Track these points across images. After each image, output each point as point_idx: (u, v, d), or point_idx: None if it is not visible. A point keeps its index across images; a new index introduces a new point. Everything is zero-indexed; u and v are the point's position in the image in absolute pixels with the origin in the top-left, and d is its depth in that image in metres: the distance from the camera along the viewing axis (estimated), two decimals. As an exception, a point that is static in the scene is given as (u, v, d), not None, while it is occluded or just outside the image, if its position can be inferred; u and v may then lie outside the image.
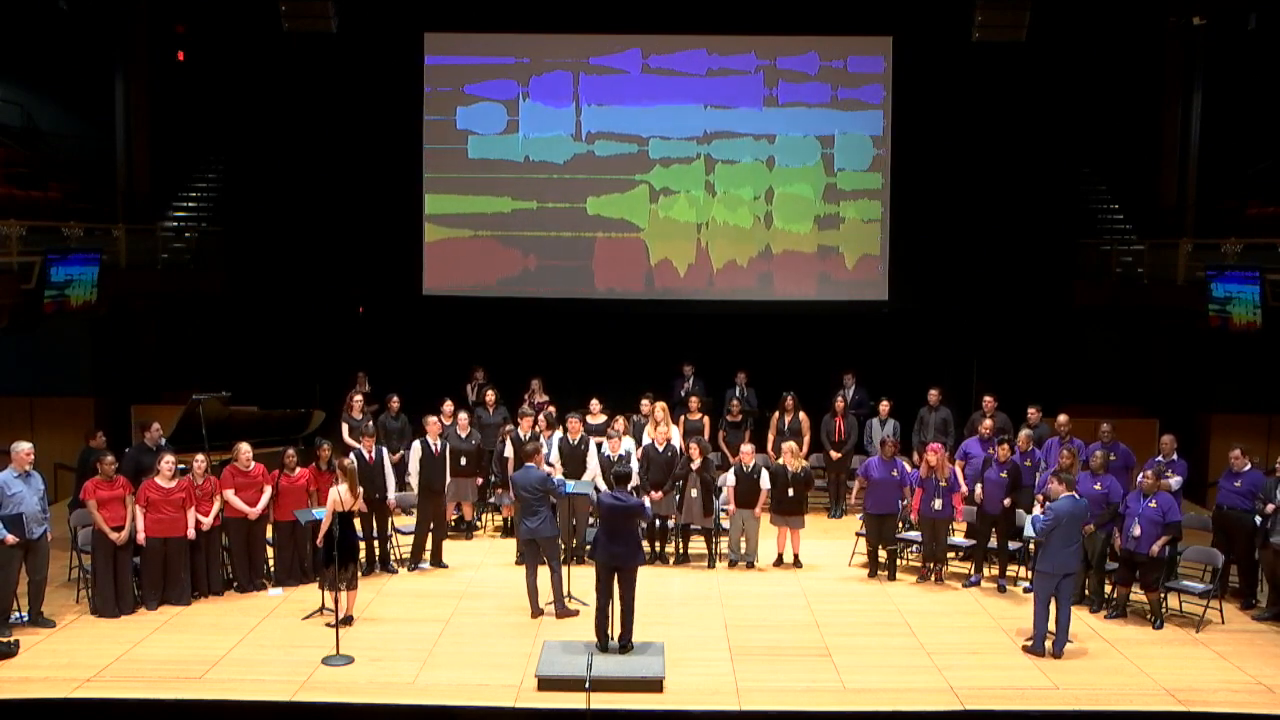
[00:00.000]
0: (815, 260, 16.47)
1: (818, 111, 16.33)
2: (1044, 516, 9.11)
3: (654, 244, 16.52)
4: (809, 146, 16.38)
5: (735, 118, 16.36)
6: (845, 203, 16.38)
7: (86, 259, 13.57)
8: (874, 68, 16.25)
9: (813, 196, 16.42)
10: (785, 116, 16.33)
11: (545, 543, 9.85)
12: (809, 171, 16.40)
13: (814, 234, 16.45)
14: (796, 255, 16.47)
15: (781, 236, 16.45)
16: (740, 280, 16.47)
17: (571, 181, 16.47)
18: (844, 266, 16.41)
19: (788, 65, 16.26)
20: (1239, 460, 10.44)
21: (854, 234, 16.43)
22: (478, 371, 14.34)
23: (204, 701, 8.17)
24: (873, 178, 16.40)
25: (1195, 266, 14.53)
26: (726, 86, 16.32)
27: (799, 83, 16.28)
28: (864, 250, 16.45)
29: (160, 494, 9.86)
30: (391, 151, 16.45)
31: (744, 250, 16.48)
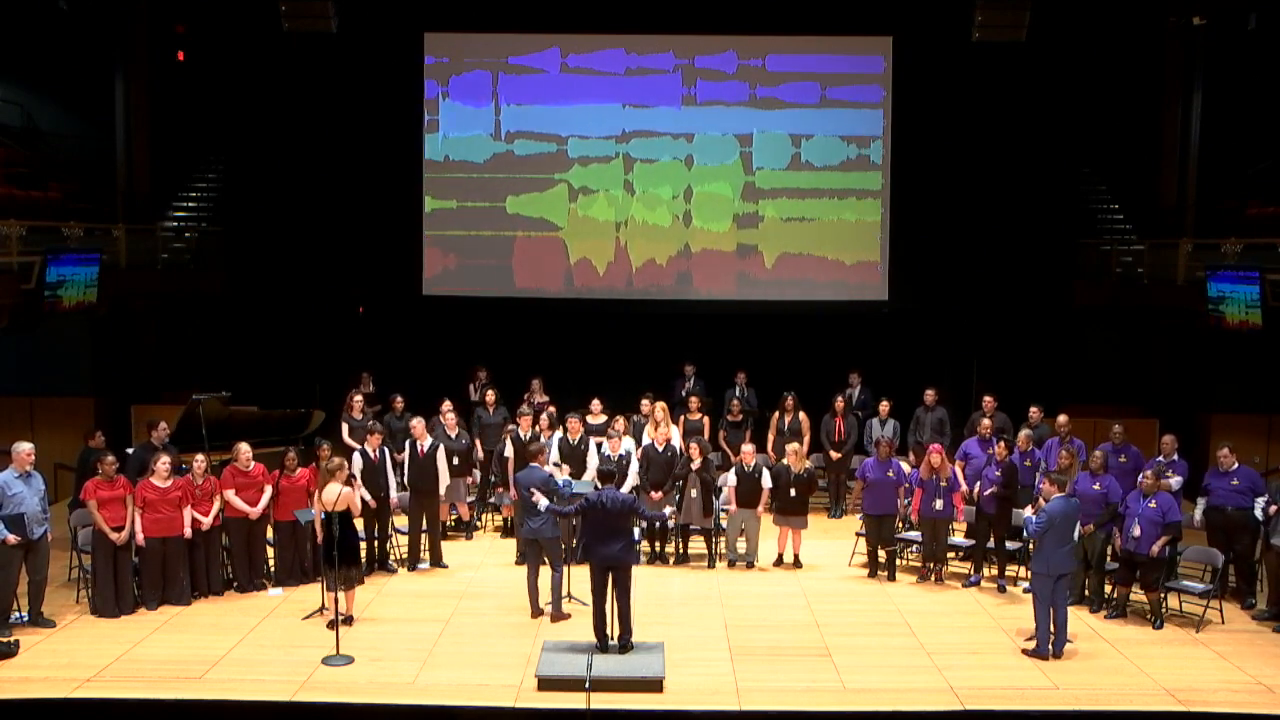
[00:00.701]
0: (734, 259, 16.50)
1: (736, 110, 16.36)
2: (1036, 518, 9.12)
3: (573, 243, 16.56)
4: (727, 145, 16.41)
5: (653, 117, 16.40)
6: (764, 201, 16.41)
7: (82, 259, 13.55)
8: (802, 67, 16.26)
9: (731, 195, 16.45)
10: (703, 115, 16.37)
11: (547, 543, 9.85)
12: (727, 170, 16.43)
13: (733, 233, 16.48)
14: (715, 254, 16.50)
15: (700, 235, 16.49)
16: (659, 279, 16.51)
17: (490, 181, 16.51)
18: (763, 265, 16.47)
19: (705, 64, 16.31)
20: (1227, 459, 10.42)
21: (793, 231, 16.46)
22: (480, 371, 14.35)
23: (204, 701, 8.17)
24: (873, 178, 16.41)
25: (1195, 266, 14.54)
26: (644, 86, 16.36)
27: (718, 81, 16.32)
28: (863, 250, 16.46)
29: (157, 494, 9.86)
30: (391, 151, 16.44)
31: (663, 249, 16.52)
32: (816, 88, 16.35)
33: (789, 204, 16.43)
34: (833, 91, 16.35)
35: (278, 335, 16.43)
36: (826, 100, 16.33)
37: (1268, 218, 14.93)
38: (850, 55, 16.33)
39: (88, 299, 13.62)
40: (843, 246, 16.49)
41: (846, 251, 16.49)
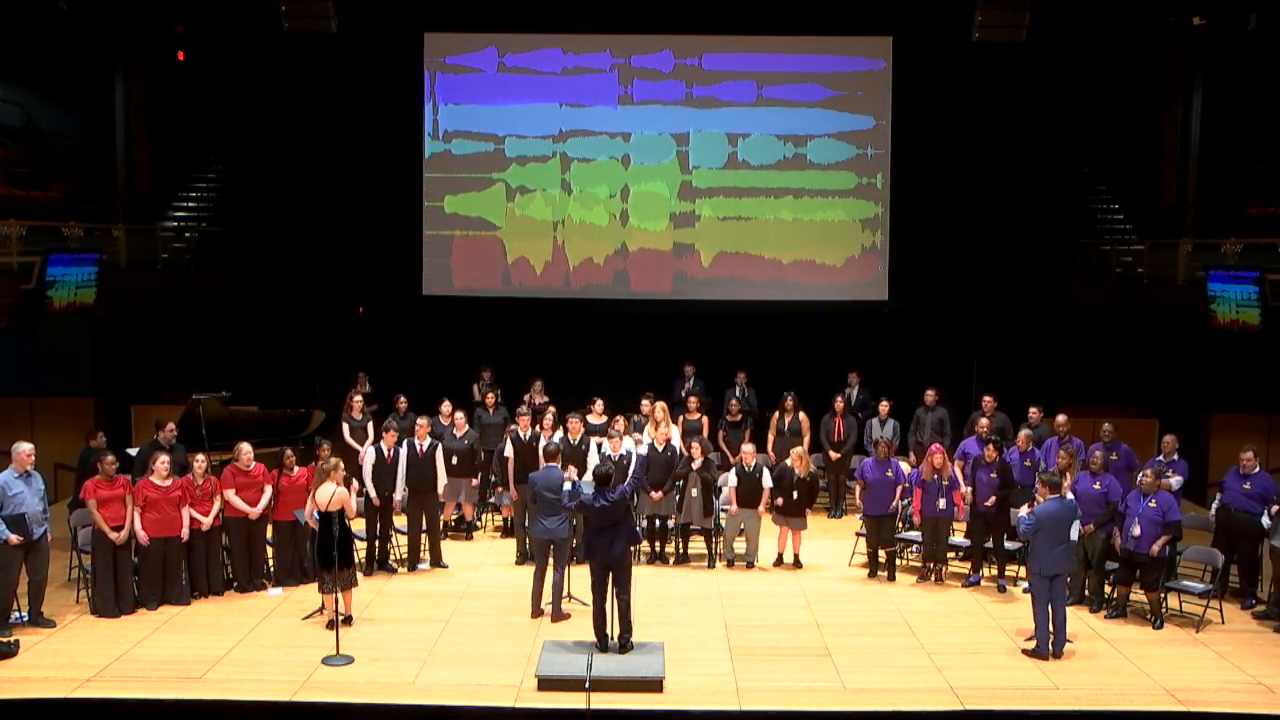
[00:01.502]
0: (671, 258, 16.50)
1: (672, 110, 16.37)
2: (1025, 520, 9.12)
3: (510, 242, 16.58)
4: (664, 144, 16.41)
5: (590, 116, 16.41)
6: (701, 200, 16.44)
7: (76, 259, 13.54)
8: (735, 65, 16.25)
9: (668, 194, 16.45)
10: (639, 115, 16.39)
11: (559, 544, 9.85)
12: (664, 170, 16.44)
13: (669, 232, 16.49)
14: (652, 253, 16.52)
15: (637, 234, 16.50)
16: (596, 278, 16.53)
17: (428, 180, 16.55)
18: (700, 265, 16.50)
19: (641, 63, 16.33)
20: (1250, 462, 10.34)
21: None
22: (484, 371, 14.35)
23: (204, 701, 8.17)
24: (872, 177, 16.40)
25: (1195, 266, 14.55)
26: (581, 85, 16.39)
27: (655, 81, 16.34)
28: (863, 250, 16.45)
29: (158, 493, 9.85)
30: (391, 151, 16.44)
31: (600, 248, 16.53)
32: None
33: (726, 203, 16.45)
34: (769, 90, 16.33)
35: (278, 335, 16.42)
36: (763, 99, 16.31)
37: (1268, 218, 14.94)
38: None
39: (81, 299, 13.59)
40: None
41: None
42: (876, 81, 16.34)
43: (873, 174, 16.40)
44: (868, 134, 16.36)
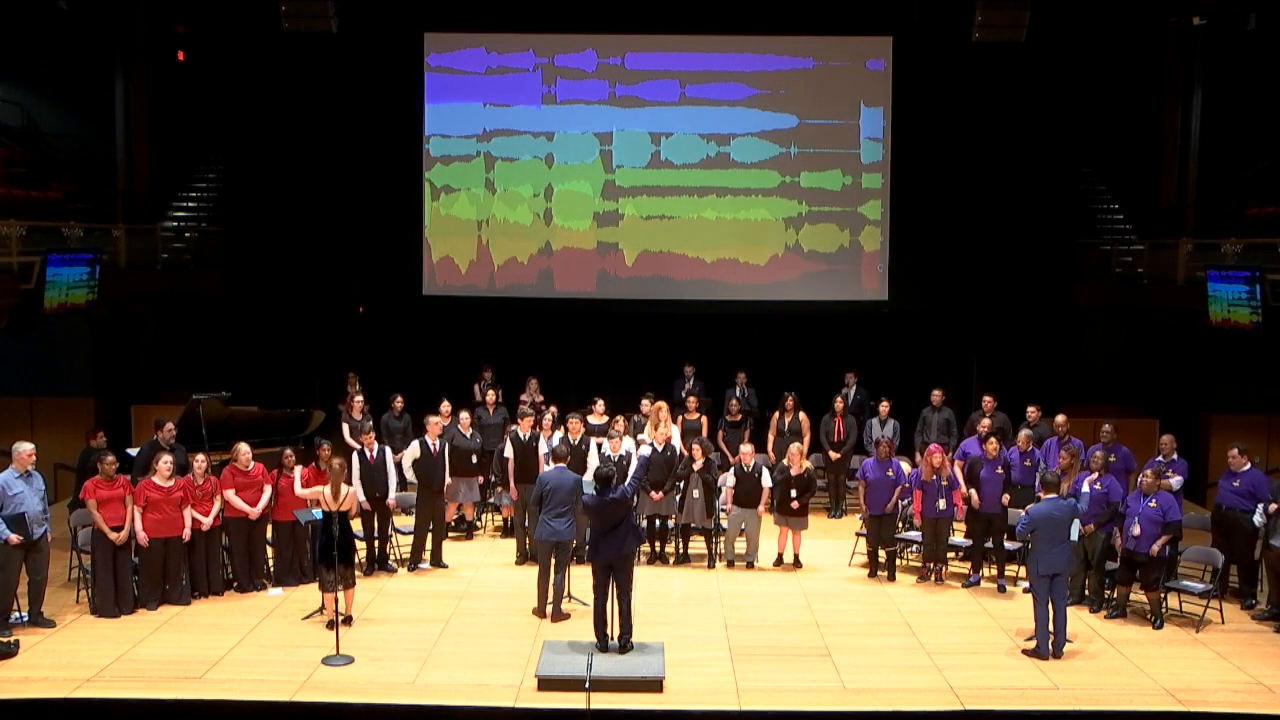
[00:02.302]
0: (594, 257, 16.52)
1: (596, 109, 16.39)
2: (1021, 520, 9.12)
3: (435, 241, 16.61)
4: (587, 144, 16.44)
5: (513, 115, 16.43)
6: (625, 199, 16.46)
7: (77, 259, 13.53)
8: (659, 65, 16.25)
9: (592, 194, 16.47)
10: (563, 114, 16.41)
11: (564, 545, 9.85)
12: (588, 169, 16.45)
13: (593, 231, 16.50)
14: (575, 252, 16.54)
15: (561, 233, 16.52)
16: (521, 277, 16.54)
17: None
18: (624, 264, 16.51)
19: (565, 63, 16.34)
20: (1237, 460, 10.39)
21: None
22: (486, 371, 14.35)
23: (204, 701, 8.17)
24: (872, 178, 16.40)
25: (1195, 266, 14.55)
26: (504, 84, 16.41)
27: (577, 80, 16.35)
28: (863, 249, 16.46)
29: (159, 493, 9.86)
30: (391, 151, 16.45)
31: (524, 247, 16.55)
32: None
33: (649, 202, 16.44)
34: (693, 90, 16.32)
35: (278, 335, 16.41)
36: (686, 98, 16.31)
37: (1268, 218, 14.94)
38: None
39: (80, 299, 13.58)
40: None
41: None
42: (797, 80, 16.29)
43: (872, 174, 16.40)
44: (789, 133, 16.27)
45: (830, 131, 16.33)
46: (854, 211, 16.41)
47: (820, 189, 16.38)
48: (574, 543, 10.15)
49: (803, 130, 16.33)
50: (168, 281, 16.51)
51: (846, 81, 16.27)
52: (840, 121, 16.34)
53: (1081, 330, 16.96)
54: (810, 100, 16.27)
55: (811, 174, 16.36)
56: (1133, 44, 16.47)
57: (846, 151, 16.36)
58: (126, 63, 16.78)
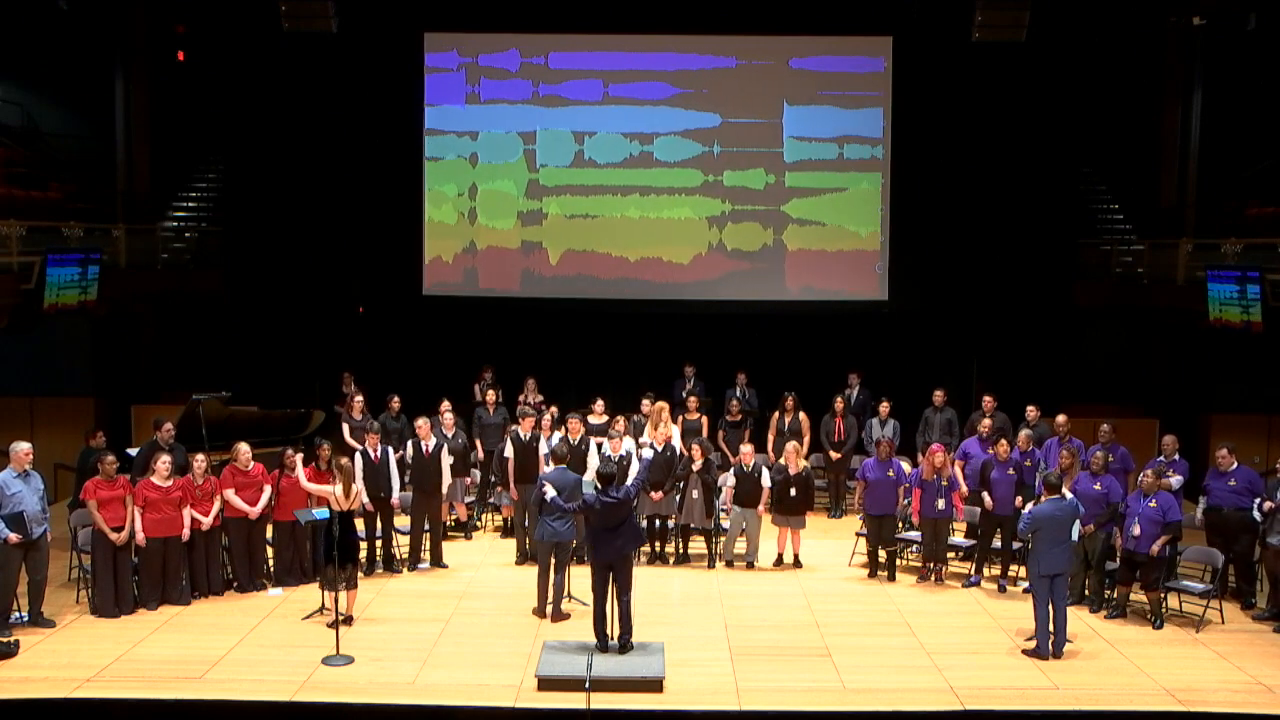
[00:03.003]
0: (519, 256, 16.56)
1: (520, 109, 16.41)
2: (1022, 519, 9.11)
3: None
4: (511, 143, 16.46)
5: (439, 115, 16.47)
6: (549, 199, 16.48)
7: (77, 259, 13.52)
8: (583, 64, 16.29)
9: (515, 193, 16.49)
10: (486, 113, 16.45)
11: (564, 545, 9.84)
12: (511, 168, 16.48)
13: (517, 230, 16.53)
14: (500, 251, 16.57)
15: (485, 232, 16.54)
16: (446, 276, 16.57)
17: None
18: (548, 262, 16.52)
19: (488, 62, 16.38)
20: (1226, 459, 10.40)
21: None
22: (486, 371, 14.36)
23: (204, 701, 8.17)
24: (872, 178, 16.41)
25: (1195, 266, 14.56)
26: (432, 84, 16.46)
27: (501, 80, 16.37)
28: (862, 248, 16.45)
29: (158, 493, 9.86)
30: (391, 151, 16.45)
31: (449, 246, 16.59)
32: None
33: (573, 201, 16.44)
34: (616, 89, 16.35)
35: (277, 335, 16.41)
36: (609, 98, 16.31)
37: (1268, 218, 14.94)
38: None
39: (79, 299, 13.56)
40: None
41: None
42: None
43: (872, 173, 16.40)
44: (712, 132, 16.26)
45: (753, 130, 16.35)
46: (777, 210, 16.39)
47: (743, 188, 16.38)
48: (574, 543, 10.16)
49: (725, 129, 16.35)
50: (168, 281, 16.50)
51: (769, 80, 16.29)
52: (763, 120, 16.35)
53: (1081, 330, 16.95)
54: (733, 99, 16.30)
55: (735, 173, 16.38)
56: (1133, 44, 16.47)
57: (769, 151, 16.35)
58: (126, 63, 16.78)
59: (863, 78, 16.33)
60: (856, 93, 16.32)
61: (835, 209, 16.44)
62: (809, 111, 16.31)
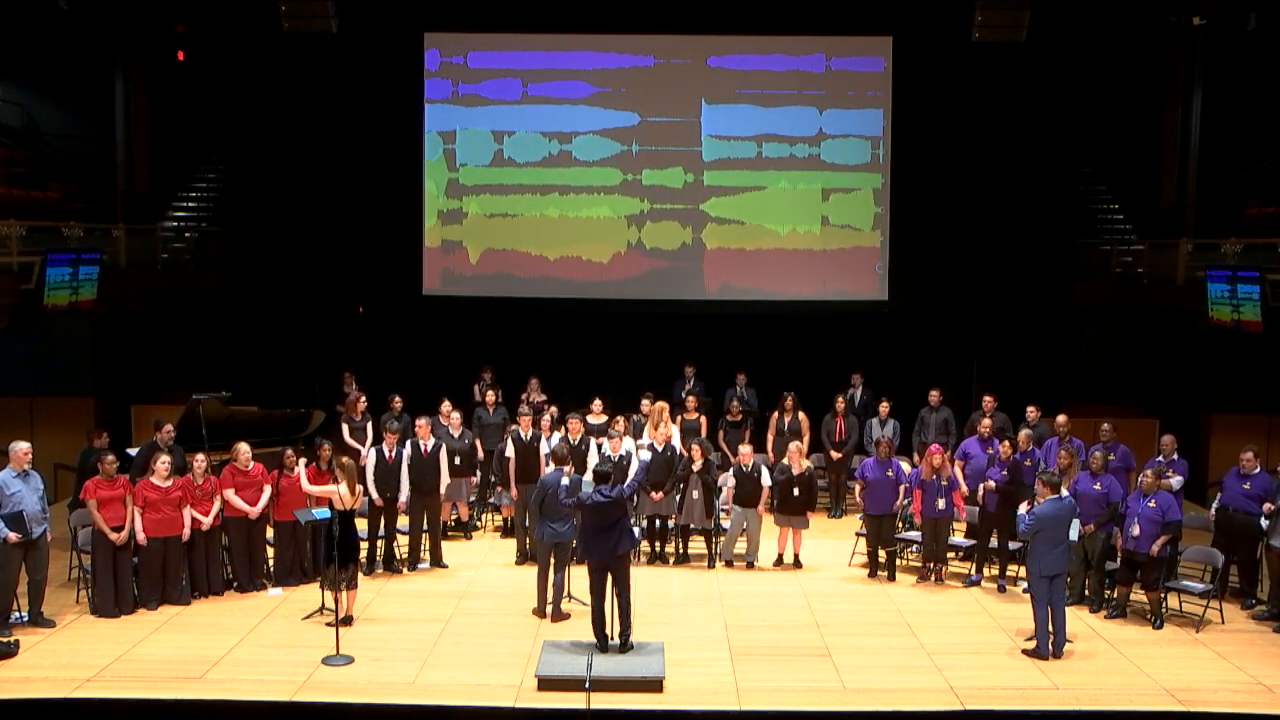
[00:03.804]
0: (439, 255, 16.62)
1: (439, 109, 16.47)
2: (1025, 519, 9.12)
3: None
4: (431, 143, 16.55)
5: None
6: (468, 198, 16.53)
7: (77, 259, 13.50)
8: (500, 64, 16.33)
9: (436, 192, 16.56)
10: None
11: (564, 545, 9.84)
12: (433, 167, 16.55)
13: (437, 229, 16.59)
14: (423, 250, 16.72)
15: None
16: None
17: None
18: (468, 261, 16.57)
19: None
20: (1250, 462, 10.30)
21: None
22: (486, 372, 14.36)
23: (204, 701, 8.17)
24: (872, 178, 16.40)
25: (1195, 266, 14.56)
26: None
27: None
28: (863, 248, 16.45)
29: (158, 493, 9.85)
30: (391, 151, 16.45)
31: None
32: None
33: (493, 200, 16.48)
34: (533, 88, 16.41)
35: (278, 335, 16.41)
36: (528, 97, 16.36)
37: (1268, 218, 14.94)
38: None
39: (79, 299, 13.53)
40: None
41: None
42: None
43: (872, 174, 16.39)
44: (630, 131, 16.29)
45: (671, 129, 16.38)
46: (696, 209, 16.42)
47: (662, 186, 16.41)
48: (574, 543, 10.15)
49: (644, 128, 16.38)
50: (168, 281, 16.51)
51: (687, 79, 16.32)
52: (681, 120, 16.37)
53: (1081, 330, 16.96)
54: (651, 98, 16.32)
55: (653, 171, 16.40)
56: (1133, 44, 16.47)
57: (687, 149, 16.37)
58: (126, 63, 16.78)
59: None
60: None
61: (754, 208, 16.43)
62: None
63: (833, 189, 16.46)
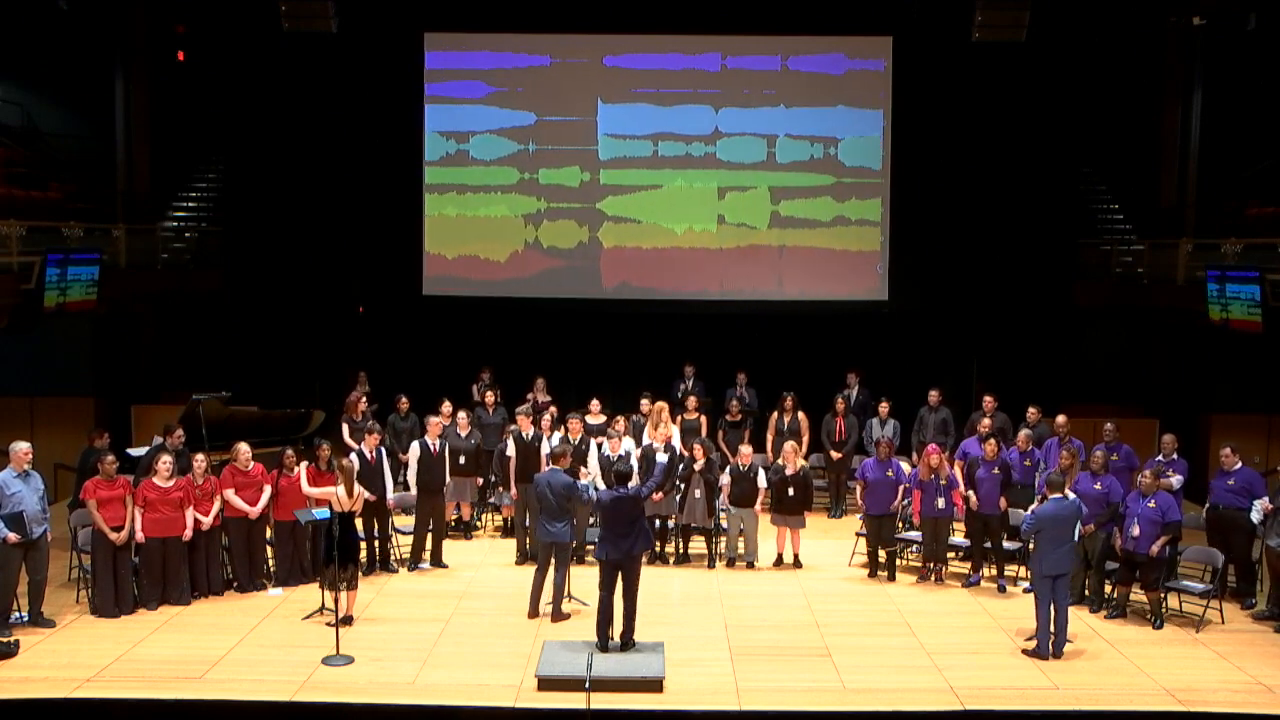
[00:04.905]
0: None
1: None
2: (1026, 519, 9.11)
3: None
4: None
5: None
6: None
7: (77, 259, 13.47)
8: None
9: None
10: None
11: (562, 547, 9.84)
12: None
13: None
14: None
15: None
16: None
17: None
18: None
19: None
20: (1229, 459, 10.42)
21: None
22: (484, 372, 14.36)
23: (204, 701, 8.17)
24: (873, 178, 16.38)
25: (1195, 266, 14.56)
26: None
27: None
28: (864, 249, 16.44)
29: (158, 493, 9.85)
30: (391, 151, 16.45)
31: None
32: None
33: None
34: (431, 88, 16.45)
35: (278, 335, 16.42)
36: (427, 97, 16.43)
37: (1268, 218, 14.94)
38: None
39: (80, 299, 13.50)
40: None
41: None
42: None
43: (873, 175, 16.40)
44: (527, 130, 16.35)
45: (568, 129, 16.42)
46: (593, 208, 16.45)
47: (559, 185, 16.45)
48: (573, 544, 10.14)
49: (540, 127, 16.41)
50: (168, 281, 16.51)
51: (583, 78, 16.36)
52: (578, 119, 16.41)
53: (1081, 330, 16.96)
54: (548, 97, 16.37)
55: (550, 170, 16.45)
56: (1133, 44, 16.47)
57: (584, 148, 16.40)
58: (126, 63, 16.78)
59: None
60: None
61: (650, 207, 16.46)
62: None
63: (729, 187, 16.45)
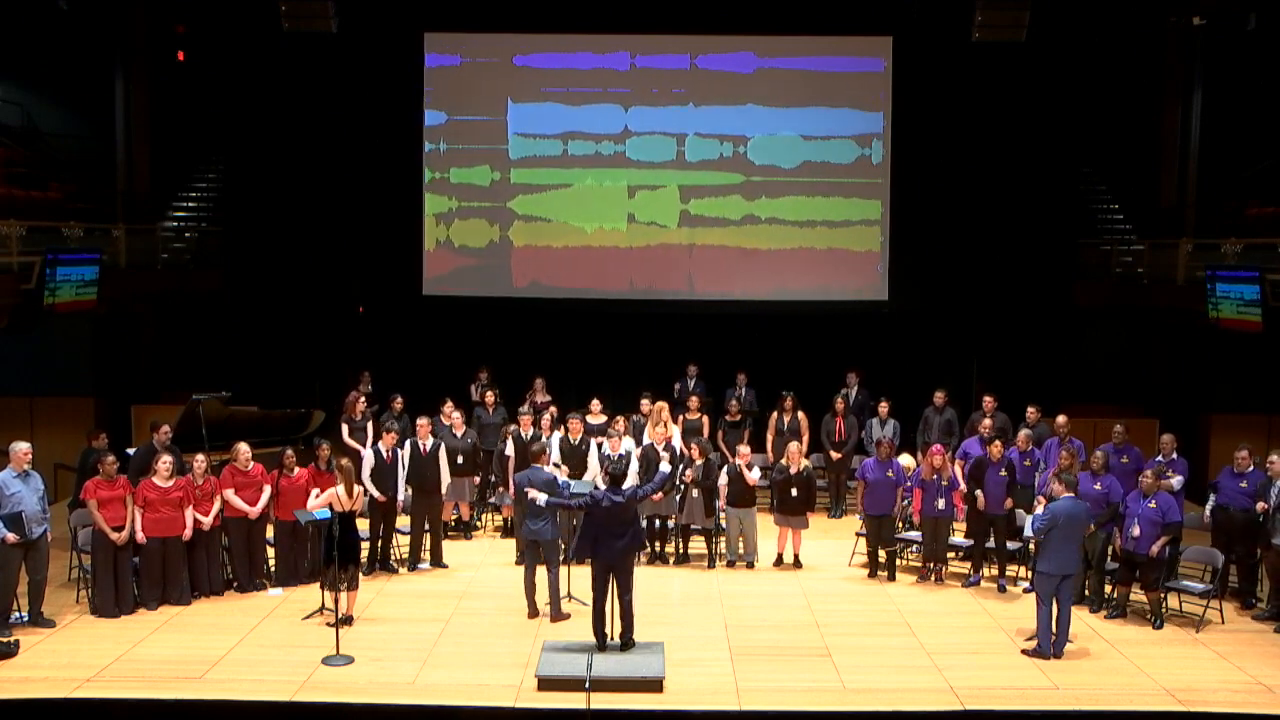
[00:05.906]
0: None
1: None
2: (1039, 516, 9.10)
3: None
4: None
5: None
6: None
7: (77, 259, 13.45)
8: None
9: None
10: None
11: (546, 545, 9.84)
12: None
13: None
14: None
15: None
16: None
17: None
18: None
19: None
20: (1244, 461, 10.34)
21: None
22: (482, 372, 14.36)
23: (204, 701, 8.17)
24: (872, 178, 16.37)
25: (1195, 266, 14.56)
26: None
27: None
28: (863, 249, 16.44)
29: (158, 493, 9.85)
30: (391, 151, 16.45)
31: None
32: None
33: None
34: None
35: (278, 335, 16.42)
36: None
37: (1268, 218, 14.94)
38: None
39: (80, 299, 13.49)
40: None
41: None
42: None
43: (873, 175, 16.40)
44: (438, 130, 16.42)
45: (477, 128, 16.46)
46: (504, 207, 16.50)
47: (469, 184, 16.50)
48: (560, 543, 10.11)
49: (451, 126, 16.47)
50: (168, 281, 16.51)
51: (494, 78, 16.40)
52: (488, 118, 16.44)
53: (1081, 330, 16.96)
54: (458, 96, 16.42)
55: (460, 170, 16.51)
56: (1133, 44, 16.47)
57: (494, 148, 16.45)
58: (126, 63, 16.78)
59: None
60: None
61: (560, 206, 16.48)
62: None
63: (638, 186, 16.46)
